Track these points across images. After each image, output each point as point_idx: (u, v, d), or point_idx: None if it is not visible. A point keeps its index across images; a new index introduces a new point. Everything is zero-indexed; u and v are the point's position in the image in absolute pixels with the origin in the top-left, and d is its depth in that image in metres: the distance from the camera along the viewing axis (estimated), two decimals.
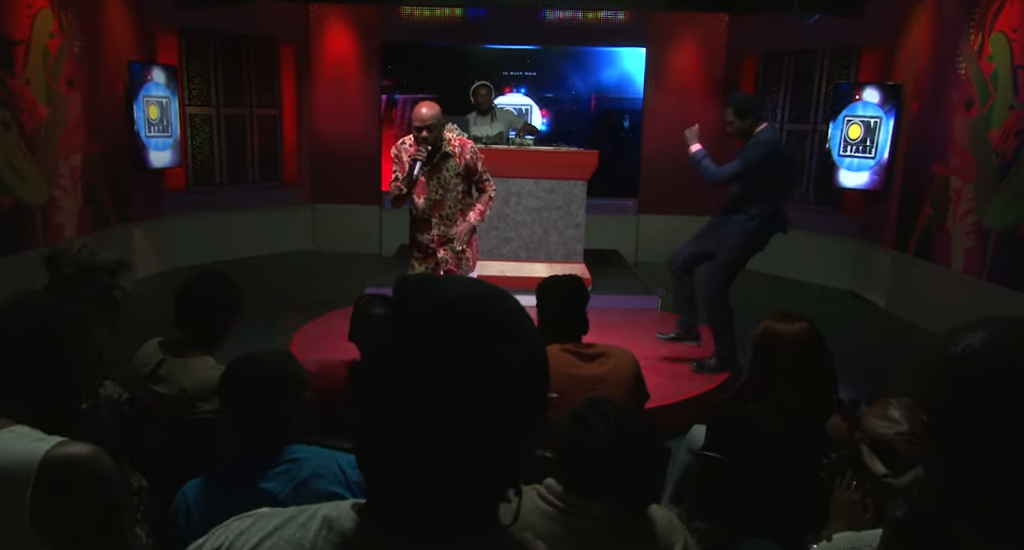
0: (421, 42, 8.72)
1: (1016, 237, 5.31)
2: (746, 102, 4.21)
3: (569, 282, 2.45)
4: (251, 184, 8.65)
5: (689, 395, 4.27)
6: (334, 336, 5.16)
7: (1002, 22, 5.63)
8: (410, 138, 4.09)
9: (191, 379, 2.41)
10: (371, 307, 2.46)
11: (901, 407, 1.30)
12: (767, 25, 8.27)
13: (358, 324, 2.44)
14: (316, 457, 1.72)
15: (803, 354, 1.98)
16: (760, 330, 2.07)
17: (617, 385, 2.28)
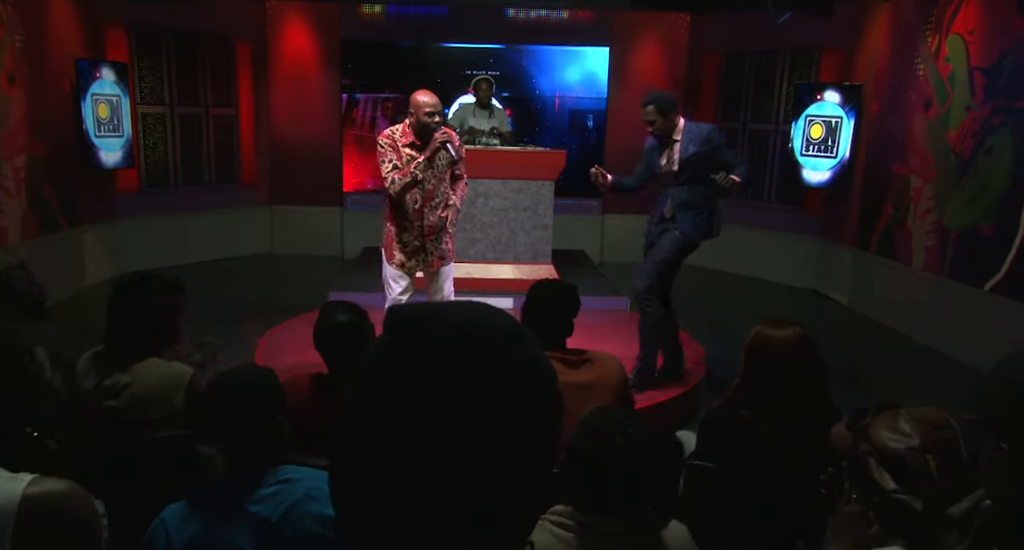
0: (382, 40, 8.57)
1: (976, 235, 5.41)
2: (667, 99, 4.22)
3: (565, 289, 2.37)
4: (207, 185, 8.40)
5: (666, 397, 4.23)
6: (300, 342, 5.00)
7: (958, 24, 5.74)
8: (400, 127, 4.01)
9: (143, 385, 2.30)
10: (337, 314, 2.35)
11: (911, 419, 1.26)
12: (729, 25, 8.33)
13: (325, 332, 2.33)
14: (308, 478, 1.62)
15: (796, 360, 1.94)
16: (752, 336, 2.02)
17: (605, 391, 2.21)
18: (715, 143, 4.15)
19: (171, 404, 2.30)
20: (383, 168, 3.97)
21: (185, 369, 2.37)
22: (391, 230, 4.16)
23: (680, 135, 4.19)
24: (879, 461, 1.28)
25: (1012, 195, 5.07)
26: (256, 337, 5.29)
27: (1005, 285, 5.11)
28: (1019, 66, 5.07)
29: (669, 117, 4.16)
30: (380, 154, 3.97)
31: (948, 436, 1.24)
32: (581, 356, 2.32)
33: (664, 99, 4.19)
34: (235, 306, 6.60)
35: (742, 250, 8.29)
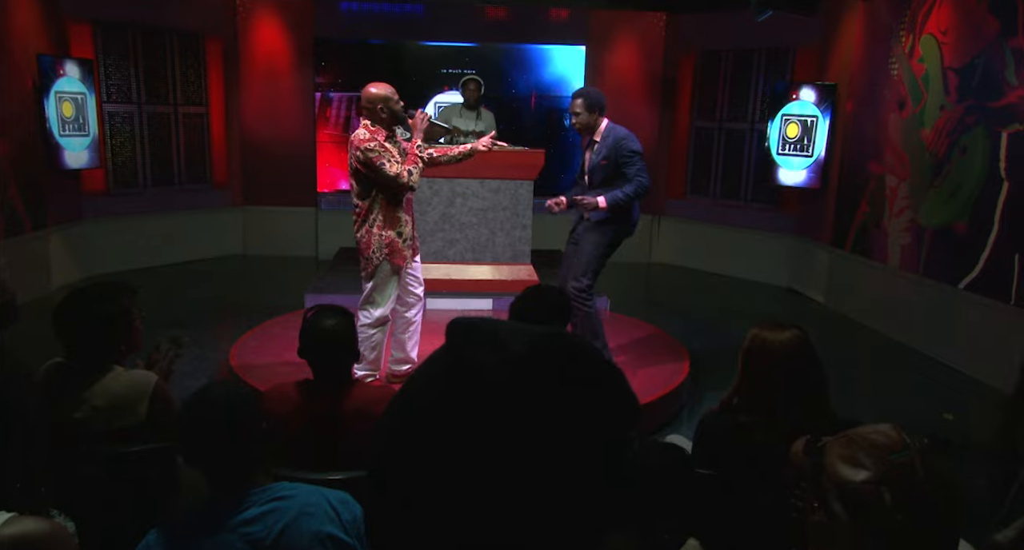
0: (356, 38, 8.45)
1: (951, 233, 5.47)
2: (596, 96, 4.21)
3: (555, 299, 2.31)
4: (177, 186, 8.22)
5: (651, 398, 4.20)
6: (275, 346, 4.90)
7: (931, 25, 5.80)
8: (367, 131, 3.82)
9: (104, 395, 2.20)
10: (324, 318, 2.26)
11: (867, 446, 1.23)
12: (705, 24, 8.35)
13: (312, 337, 2.24)
14: (303, 494, 1.54)
15: (795, 363, 1.91)
16: (749, 339, 1.98)
17: None
18: (622, 151, 4.12)
19: (136, 414, 2.21)
20: (388, 168, 3.71)
21: (148, 377, 2.27)
22: (390, 235, 3.89)
23: (599, 137, 4.21)
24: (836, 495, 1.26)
25: (986, 194, 5.12)
26: (230, 341, 5.16)
27: (979, 283, 5.17)
28: (992, 66, 5.13)
29: (593, 115, 4.17)
30: (377, 157, 3.70)
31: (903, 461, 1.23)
32: None
33: (593, 96, 4.22)
34: (207, 309, 6.45)
35: (719, 249, 8.32)
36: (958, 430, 4.27)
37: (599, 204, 4.13)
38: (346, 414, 2.16)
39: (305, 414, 2.16)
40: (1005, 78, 5.00)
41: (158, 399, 2.23)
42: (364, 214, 3.87)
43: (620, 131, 4.22)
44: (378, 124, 3.81)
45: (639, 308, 6.61)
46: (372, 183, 3.80)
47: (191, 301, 6.72)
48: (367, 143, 3.72)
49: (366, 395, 2.21)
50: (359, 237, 3.91)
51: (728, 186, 8.47)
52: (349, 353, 2.27)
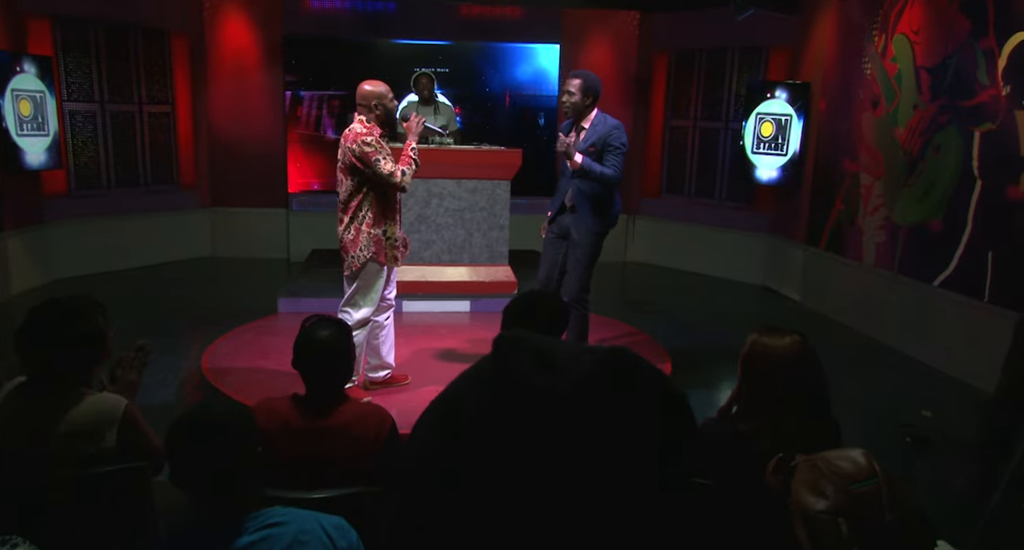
0: (327, 36, 8.29)
1: (926, 231, 5.52)
2: (594, 82, 4.19)
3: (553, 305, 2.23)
4: (143, 187, 7.99)
5: None
6: (249, 352, 4.77)
7: (903, 24, 5.84)
8: (362, 127, 3.78)
9: (69, 421, 2.05)
10: (319, 329, 2.16)
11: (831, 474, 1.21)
12: (678, 23, 8.36)
13: (306, 350, 2.13)
14: (296, 520, 1.45)
15: (795, 370, 1.87)
16: (748, 345, 1.94)
17: None
18: (612, 140, 4.11)
19: (102, 441, 2.06)
20: (383, 165, 3.68)
21: (117, 402, 2.13)
22: (377, 233, 3.83)
23: (588, 124, 4.19)
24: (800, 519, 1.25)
25: (959, 192, 5.17)
26: (201, 347, 5.01)
27: (954, 280, 5.22)
28: (963, 66, 5.18)
29: (587, 99, 4.14)
30: (372, 153, 3.67)
31: (866, 490, 1.20)
32: None
33: (591, 80, 4.19)
34: (176, 314, 6.27)
35: (694, 248, 8.33)
36: (936, 428, 4.30)
37: (575, 158, 4.06)
38: (337, 431, 2.07)
39: (295, 430, 2.06)
40: (977, 78, 5.05)
41: (128, 425, 2.10)
42: (353, 211, 3.79)
43: (612, 121, 4.19)
44: (372, 121, 3.78)
45: (615, 308, 6.58)
46: (364, 179, 3.74)
47: (159, 305, 6.53)
48: (364, 137, 3.68)
49: (357, 412, 2.13)
50: (345, 235, 3.83)
51: (703, 185, 8.48)
52: (344, 367, 2.18)
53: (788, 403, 1.85)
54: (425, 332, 5.32)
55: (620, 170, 4.15)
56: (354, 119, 3.83)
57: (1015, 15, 4.77)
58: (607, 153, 4.13)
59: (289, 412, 2.09)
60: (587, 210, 4.23)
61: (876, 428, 4.32)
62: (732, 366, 5.81)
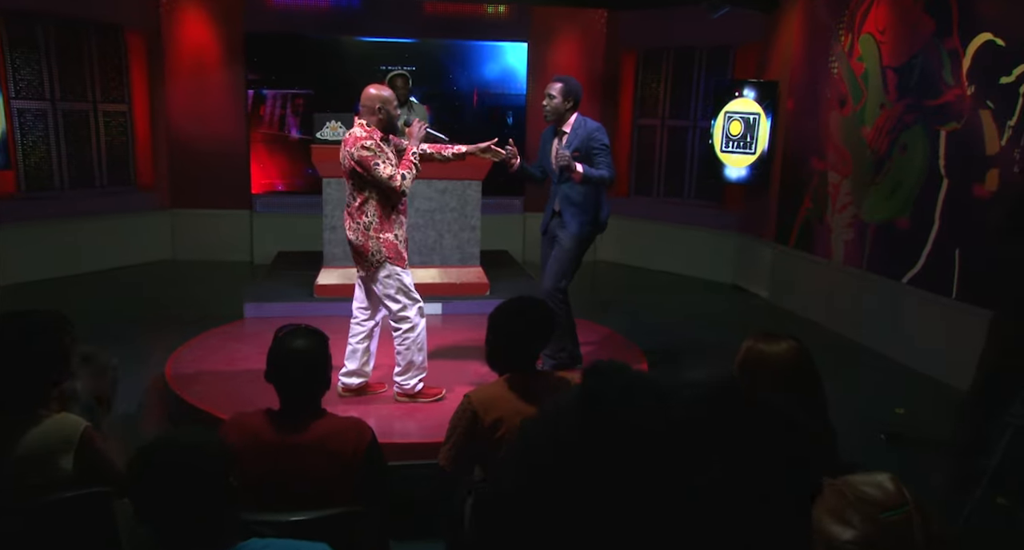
0: (289, 33, 8.10)
1: (894, 229, 5.58)
2: (575, 86, 4.19)
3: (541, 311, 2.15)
4: (98, 188, 7.73)
5: None
6: (214, 359, 4.60)
7: (870, 24, 5.90)
8: (363, 130, 3.72)
9: (24, 445, 1.92)
10: (294, 339, 2.05)
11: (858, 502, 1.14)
12: (645, 22, 8.35)
13: (281, 361, 2.02)
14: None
15: (792, 376, 1.83)
16: (744, 351, 1.89)
17: None
18: (595, 142, 4.11)
19: (58, 467, 1.93)
20: (382, 169, 3.63)
21: (75, 423, 1.99)
22: (388, 237, 3.77)
23: (569, 129, 4.17)
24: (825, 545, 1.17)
25: (926, 190, 5.24)
26: (165, 354, 4.82)
27: (922, 278, 5.28)
28: (929, 66, 5.24)
29: (567, 103, 4.13)
30: (372, 157, 3.61)
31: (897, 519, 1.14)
32: (552, 380, 2.13)
33: (572, 84, 4.18)
34: (138, 320, 6.06)
35: (663, 247, 8.35)
36: (910, 424, 4.34)
37: (576, 168, 4.06)
38: (313, 446, 1.97)
39: (268, 446, 1.96)
40: (942, 77, 5.11)
41: (87, 448, 1.96)
42: (359, 215, 3.75)
43: (592, 123, 4.19)
44: (374, 125, 3.74)
45: (587, 308, 6.53)
46: (365, 183, 3.70)
47: (118, 311, 6.30)
48: (364, 140, 3.64)
49: (334, 426, 2.03)
50: (355, 240, 3.79)
51: (671, 184, 8.50)
52: (320, 379, 2.07)
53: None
54: None
55: (612, 168, 4.20)
56: (354, 123, 3.79)
57: (978, 16, 4.84)
58: (595, 156, 4.14)
59: (262, 428, 1.98)
60: (572, 214, 4.23)
61: (849, 425, 4.33)
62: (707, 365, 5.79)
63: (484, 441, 1.98)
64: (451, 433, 2.03)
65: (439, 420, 3.79)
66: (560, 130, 4.22)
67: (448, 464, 2.02)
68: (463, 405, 2.03)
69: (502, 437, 1.95)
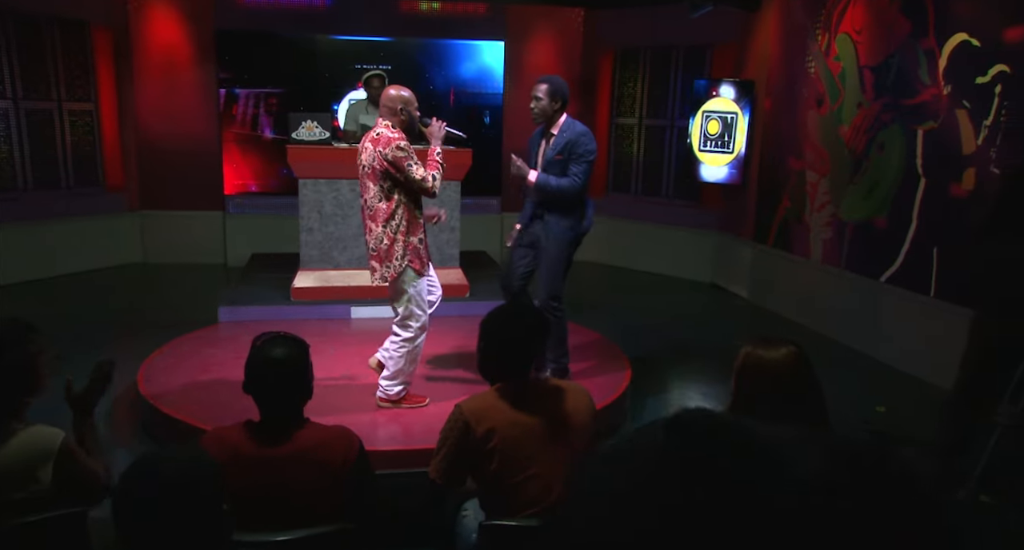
0: (261, 31, 7.95)
1: (872, 228, 5.61)
2: (561, 86, 4.10)
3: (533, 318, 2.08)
4: (64, 190, 7.52)
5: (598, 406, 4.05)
6: (188, 367, 4.48)
7: (846, 24, 5.93)
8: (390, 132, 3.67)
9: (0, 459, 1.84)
10: (272, 348, 1.96)
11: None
12: (622, 21, 8.33)
13: (259, 371, 1.93)
14: None
15: (792, 382, 1.79)
16: (742, 357, 1.85)
17: (582, 431, 1.97)
18: (578, 148, 4.01)
19: (35, 480, 1.85)
20: (415, 171, 3.59)
21: (52, 434, 1.91)
22: (413, 241, 3.71)
23: (557, 130, 4.09)
24: None
25: (904, 189, 5.27)
26: (135, 362, 4.67)
27: (900, 276, 5.32)
28: (905, 65, 5.28)
29: (554, 104, 4.04)
30: (405, 158, 3.56)
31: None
32: (545, 387, 2.07)
33: (559, 84, 4.09)
34: (107, 325, 5.89)
35: (641, 247, 8.34)
36: (892, 423, 4.35)
37: (529, 177, 4.02)
38: (299, 458, 1.88)
39: (249, 460, 1.87)
40: (919, 77, 5.14)
41: (66, 460, 1.88)
42: (386, 218, 3.65)
43: (580, 127, 4.07)
44: (397, 126, 3.69)
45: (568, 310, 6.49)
46: (395, 185, 3.63)
47: (87, 316, 6.13)
48: (398, 141, 3.58)
49: (321, 435, 1.94)
50: (379, 244, 3.68)
51: (649, 183, 8.49)
52: (302, 388, 1.99)
53: (787, 417, 1.77)
54: (378, 339, 5.10)
55: (582, 179, 4.02)
56: (378, 123, 3.71)
57: (953, 17, 4.87)
58: (572, 162, 4.02)
59: (242, 441, 1.89)
60: (555, 217, 4.11)
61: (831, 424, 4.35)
62: (688, 366, 5.79)
63: (476, 452, 1.92)
64: (442, 444, 1.97)
65: (424, 426, 3.72)
66: (548, 132, 4.12)
67: (439, 476, 1.95)
68: (454, 416, 1.96)
69: (495, 448, 1.89)
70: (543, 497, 1.91)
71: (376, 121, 3.77)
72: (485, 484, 1.93)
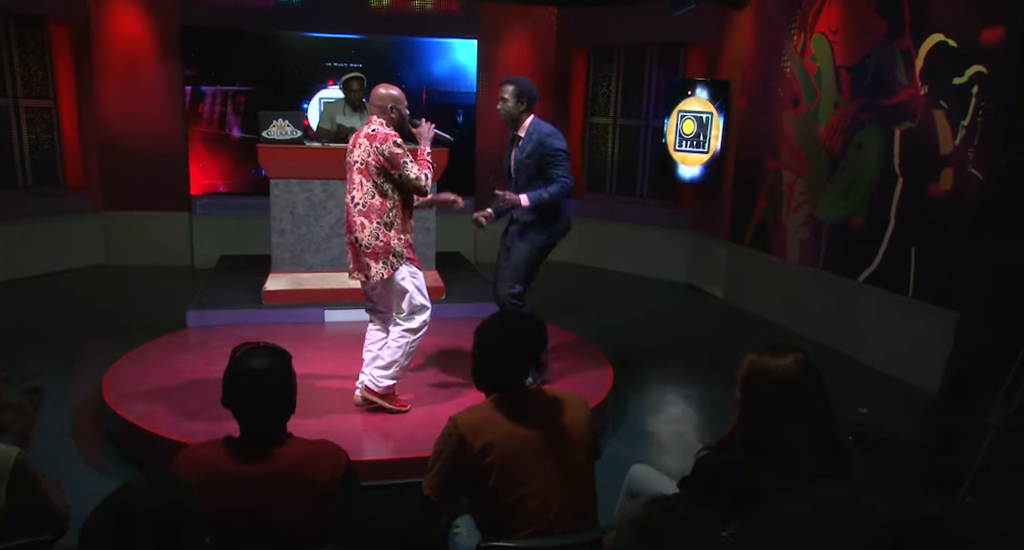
0: (229, 27, 7.74)
1: (849, 228, 5.62)
2: (527, 87, 4.04)
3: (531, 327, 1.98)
4: (22, 190, 7.24)
5: None
6: (156, 374, 4.30)
7: (822, 24, 5.94)
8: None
9: None
10: (252, 360, 1.83)
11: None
12: (595, 19, 8.28)
13: (238, 384, 1.81)
14: None
15: (799, 392, 1.72)
16: (747, 366, 1.78)
17: (580, 444, 1.88)
18: (545, 149, 3.94)
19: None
20: (410, 168, 3.55)
21: (5, 452, 1.79)
22: (407, 237, 3.68)
23: (523, 133, 4.03)
24: None
25: (882, 189, 5.29)
26: (101, 368, 4.47)
27: (878, 276, 5.33)
28: (882, 65, 5.29)
29: (520, 106, 3.97)
30: (401, 155, 3.53)
31: None
32: (543, 398, 1.97)
33: (524, 85, 4.01)
34: (70, 331, 5.67)
35: (616, 247, 8.30)
36: (875, 424, 4.35)
37: (521, 203, 3.93)
38: (284, 476, 1.77)
39: (232, 480, 1.75)
40: (896, 77, 5.16)
41: (21, 480, 1.75)
42: (380, 215, 3.58)
43: (545, 128, 4.00)
44: (391, 124, 3.66)
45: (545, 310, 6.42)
46: (389, 182, 3.58)
47: (48, 321, 5.89)
48: (395, 137, 3.56)
49: (305, 451, 1.83)
50: (373, 241, 3.57)
51: (624, 183, 8.46)
52: (285, 401, 1.87)
53: (796, 428, 1.70)
54: (354, 343, 4.98)
55: (568, 176, 3.96)
56: (371, 121, 3.65)
57: (929, 17, 4.89)
58: (548, 165, 3.95)
59: (220, 460, 1.76)
60: (531, 222, 4.05)
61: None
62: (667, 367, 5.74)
63: (473, 468, 1.82)
64: (436, 459, 1.86)
65: (405, 434, 3.61)
66: (515, 135, 4.05)
67: (433, 492, 1.85)
68: (448, 429, 1.86)
69: (492, 463, 1.80)
70: (541, 515, 1.82)
71: (369, 119, 3.68)
72: (481, 501, 1.83)
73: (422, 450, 3.41)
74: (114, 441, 3.81)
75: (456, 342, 5.07)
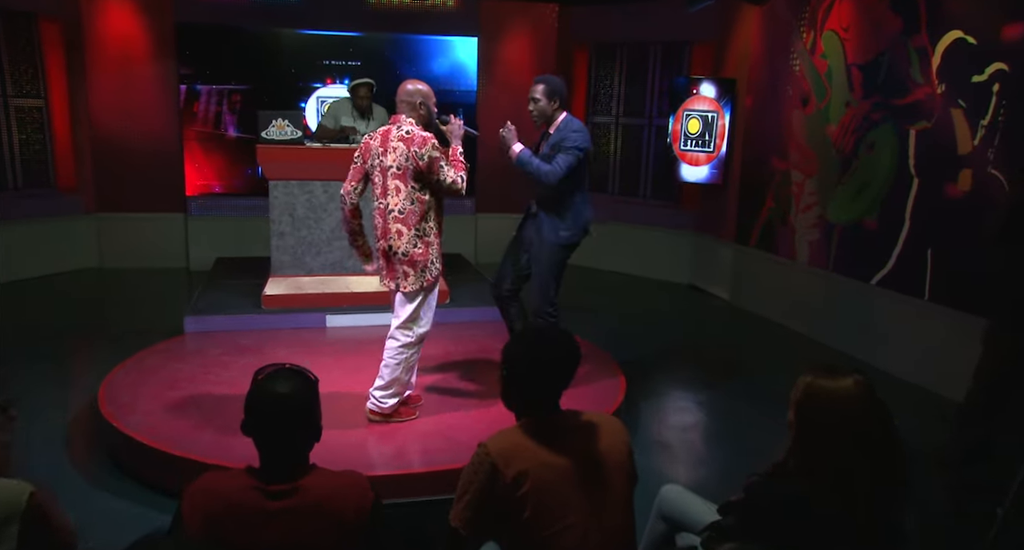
0: (225, 25, 7.57)
1: (861, 229, 5.51)
2: (558, 85, 3.97)
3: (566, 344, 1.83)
4: (13, 191, 7.07)
5: None
6: (155, 384, 4.14)
7: (833, 21, 5.82)
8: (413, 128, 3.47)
9: None
10: (275, 384, 1.68)
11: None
12: (597, 16, 8.16)
13: (261, 410, 1.67)
14: None
15: (861, 416, 1.60)
16: (803, 389, 1.65)
17: (619, 472, 1.75)
18: (565, 141, 3.85)
19: (4, 540, 1.59)
20: (446, 172, 3.40)
21: (18, 489, 1.65)
22: (436, 242, 3.52)
23: (554, 129, 3.94)
24: None
25: (896, 190, 5.18)
26: (95, 378, 4.32)
27: (892, 279, 5.22)
28: (896, 64, 5.18)
29: (552, 104, 3.89)
30: (439, 159, 3.38)
31: None
32: (577, 421, 1.84)
33: (554, 83, 3.93)
34: (63, 336, 5.51)
35: (619, 247, 8.17)
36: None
37: (513, 149, 3.86)
38: (308, 510, 1.63)
39: (253, 514, 1.61)
40: (910, 76, 5.05)
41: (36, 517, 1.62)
42: (419, 222, 3.42)
43: (575, 124, 3.92)
44: (420, 121, 3.48)
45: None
46: (427, 187, 3.42)
47: (41, 326, 5.72)
48: (432, 140, 3.39)
49: (330, 483, 1.69)
50: (412, 249, 3.42)
51: (626, 183, 8.34)
52: (310, 428, 1.73)
53: (854, 455, 1.58)
54: (355, 349, 4.85)
55: (563, 169, 3.82)
56: (399, 120, 3.45)
57: (947, 14, 4.78)
58: (559, 152, 3.86)
59: (240, 491, 1.62)
60: (548, 217, 3.96)
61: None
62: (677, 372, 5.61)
63: (506, 499, 1.69)
64: (465, 489, 1.73)
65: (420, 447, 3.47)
66: (547, 132, 3.96)
67: (463, 525, 1.72)
68: (479, 457, 1.72)
69: (527, 494, 1.66)
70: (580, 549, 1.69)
71: (395, 118, 3.48)
72: (515, 535, 1.70)
73: (434, 463, 3.30)
74: (111, 454, 3.66)
75: (461, 348, 4.94)
